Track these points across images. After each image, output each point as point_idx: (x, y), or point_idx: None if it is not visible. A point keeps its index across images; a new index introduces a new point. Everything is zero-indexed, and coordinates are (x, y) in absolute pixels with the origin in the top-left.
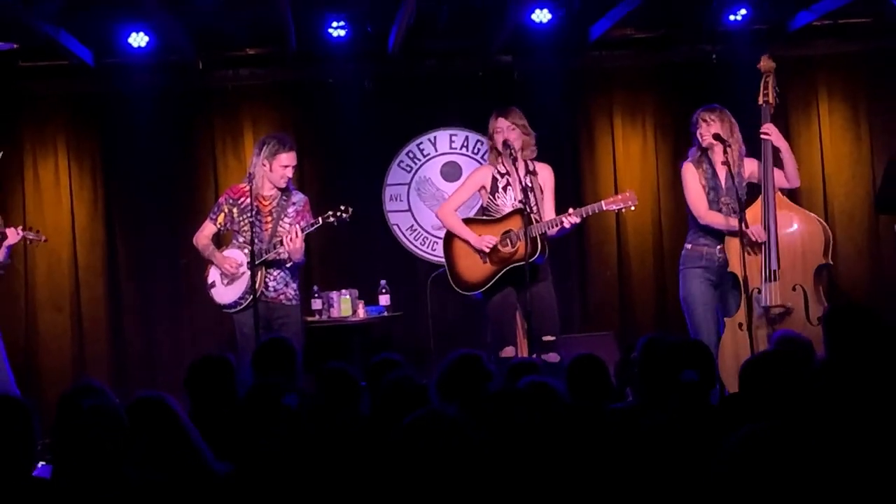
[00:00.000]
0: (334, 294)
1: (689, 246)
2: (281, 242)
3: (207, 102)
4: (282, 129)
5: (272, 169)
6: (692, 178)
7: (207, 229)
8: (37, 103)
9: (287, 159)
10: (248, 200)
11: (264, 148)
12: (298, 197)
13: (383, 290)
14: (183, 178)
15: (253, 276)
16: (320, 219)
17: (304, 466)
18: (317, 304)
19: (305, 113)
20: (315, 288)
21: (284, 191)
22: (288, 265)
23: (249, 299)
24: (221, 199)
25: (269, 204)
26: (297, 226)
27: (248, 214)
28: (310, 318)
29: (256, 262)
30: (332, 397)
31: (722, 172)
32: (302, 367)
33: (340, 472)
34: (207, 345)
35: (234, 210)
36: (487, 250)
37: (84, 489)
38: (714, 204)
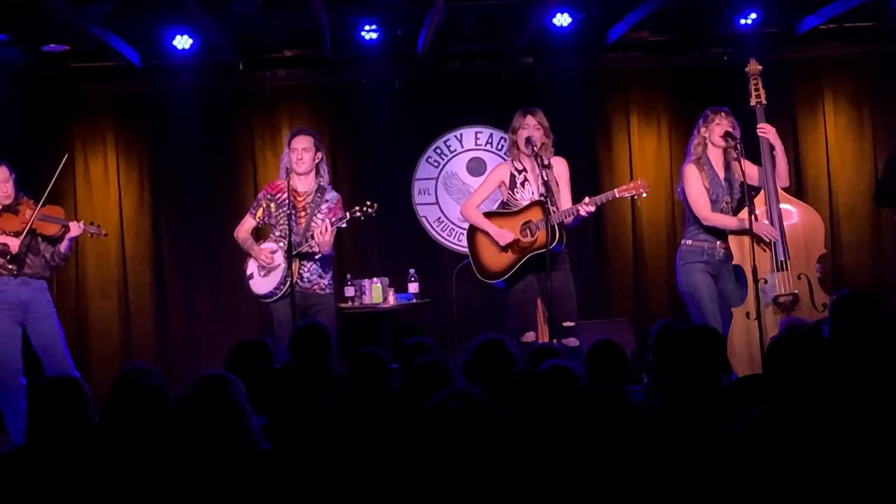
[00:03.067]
0: (366, 282)
1: (688, 242)
2: (313, 236)
3: (247, 102)
4: (317, 127)
5: (289, 156)
6: (695, 180)
7: (247, 223)
8: (87, 102)
9: (297, 142)
10: (285, 196)
11: (286, 143)
12: (332, 195)
13: (412, 279)
14: (223, 172)
15: (289, 267)
16: (348, 214)
17: (341, 444)
18: (350, 291)
19: (339, 112)
20: (348, 276)
21: (319, 189)
22: (318, 257)
23: (285, 289)
24: (260, 195)
25: (304, 199)
26: (328, 220)
27: (285, 209)
28: (343, 305)
29: (292, 255)
30: (364, 379)
31: (723, 172)
32: (336, 351)
33: (373, 447)
34: (246, 330)
35: (272, 205)
36: (504, 244)
37: (130, 465)
38: (715, 204)
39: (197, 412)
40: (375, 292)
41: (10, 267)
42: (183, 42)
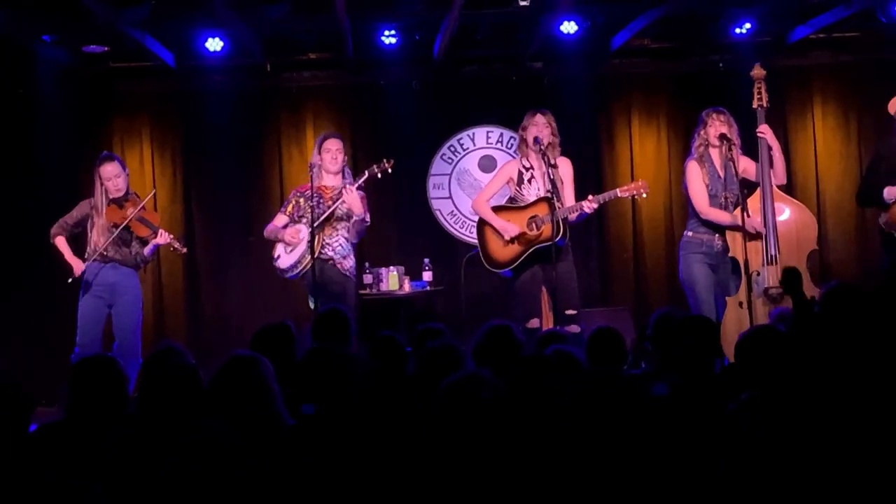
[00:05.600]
0: (383, 270)
1: (689, 234)
2: (344, 214)
3: (274, 101)
4: (339, 125)
5: (322, 157)
6: (696, 176)
7: (279, 220)
8: (125, 99)
9: (329, 144)
10: (314, 191)
11: (316, 144)
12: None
13: (426, 268)
14: (252, 166)
15: (312, 241)
16: (366, 172)
17: (359, 421)
18: (368, 279)
19: (360, 111)
20: (367, 265)
21: (344, 187)
22: (344, 234)
23: (307, 262)
24: (290, 195)
25: (331, 192)
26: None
27: (312, 201)
28: (362, 292)
29: (315, 224)
30: (381, 361)
31: (722, 169)
32: (356, 335)
33: (390, 425)
34: (274, 314)
35: (301, 199)
36: (508, 238)
37: (163, 439)
38: (714, 199)
39: (227, 391)
40: (392, 280)
41: (102, 253)
42: (214, 44)
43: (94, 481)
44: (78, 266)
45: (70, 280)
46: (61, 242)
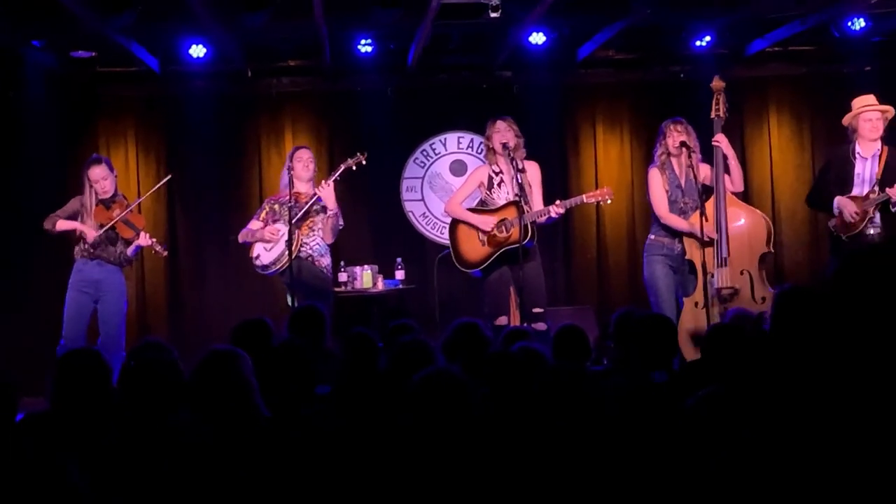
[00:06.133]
0: (358, 269)
1: (652, 237)
2: (319, 198)
3: (254, 106)
4: (316, 129)
5: (294, 165)
6: (656, 183)
7: (254, 225)
8: (111, 103)
9: (301, 153)
10: (288, 198)
11: (287, 157)
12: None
13: (399, 267)
14: (233, 168)
15: (290, 240)
16: (342, 165)
17: (336, 415)
18: (343, 276)
19: (337, 116)
20: (342, 263)
21: (315, 195)
22: (320, 234)
23: (286, 259)
24: (264, 203)
25: (305, 197)
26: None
27: (287, 206)
28: (337, 289)
29: (294, 221)
30: (355, 356)
31: (683, 176)
32: (330, 331)
33: (363, 417)
34: (253, 311)
35: (276, 206)
36: (488, 230)
37: (142, 431)
38: (674, 204)
39: (207, 384)
40: (366, 278)
41: (89, 251)
42: (198, 51)
43: (72, 463)
44: (90, 232)
45: (87, 245)
46: (62, 224)
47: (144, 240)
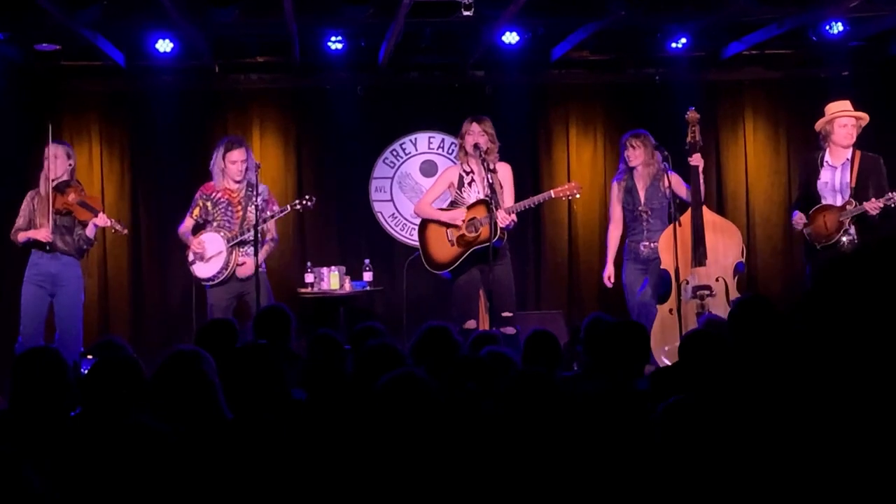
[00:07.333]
0: (325, 270)
1: (627, 241)
2: (249, 228)
3: (222, 102)
4: (284, 126)
5: (226, 165)
6: (613, 195)
7: (187, 222)
8: (75, 97)
9: (234, 155)
10: (220, 195)
11: (220, 148)
12: (263, 188)
13: (367, 268)
14: (199, 165)
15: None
16: (288, 206)
17: (301, 418)
18: (309, 277)
19: (305, 114)
20: (308, 264)
21: (248, 185)
22: (250, 246)
23: (224, 275)
24: (197, 196)
25: (238, 195)
26: (269, 212)
27: (221, 206)
28: (303, 290)
29: (231, 244)
30: (320, 358)
31: (642, 188)
32: (296, 332)
33: (329, 420)
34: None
35: (209, 204)
36: (459, 224)
37: (101, 433)
38: (630, 213)
39: (169, 384)
40: (333, 279)
41: (44, 244)
42: (165, 46)
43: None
44: (43, 233)
45: (48, 246)
46: (23, 235)
47: (103, 220)
